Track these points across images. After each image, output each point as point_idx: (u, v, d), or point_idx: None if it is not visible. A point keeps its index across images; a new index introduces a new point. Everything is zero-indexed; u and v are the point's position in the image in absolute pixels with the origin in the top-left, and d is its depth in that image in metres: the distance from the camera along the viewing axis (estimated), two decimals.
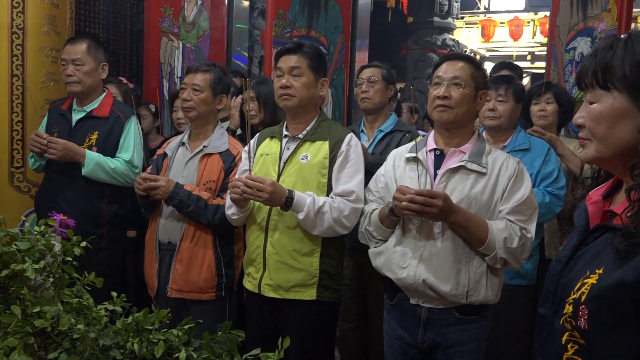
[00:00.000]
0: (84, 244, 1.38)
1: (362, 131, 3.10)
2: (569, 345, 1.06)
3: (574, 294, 1.05)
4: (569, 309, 1.05)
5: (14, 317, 1.15)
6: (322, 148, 2.25)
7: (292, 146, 2.29)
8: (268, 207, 2.23)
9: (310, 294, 2.23)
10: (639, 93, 1.02)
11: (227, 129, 2.87)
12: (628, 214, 1.01)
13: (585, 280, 1.03)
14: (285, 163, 2.28)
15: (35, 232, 1.37)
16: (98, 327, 1.22)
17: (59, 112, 2.90)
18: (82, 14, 4.15)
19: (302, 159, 2.26)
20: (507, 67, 3.91)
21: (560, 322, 1.08)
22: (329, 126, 2.32)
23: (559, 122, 3.08)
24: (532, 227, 1.95)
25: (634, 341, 0.96)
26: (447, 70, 2.02)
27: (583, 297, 1.02)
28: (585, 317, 1.01)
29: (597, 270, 1.02)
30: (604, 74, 1.06)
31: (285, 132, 2.33)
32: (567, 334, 1.06)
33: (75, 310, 1.23)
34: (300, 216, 2.15)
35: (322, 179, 2.24)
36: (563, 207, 2.64)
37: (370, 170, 2.37)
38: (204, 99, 2.54)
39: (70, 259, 1.35)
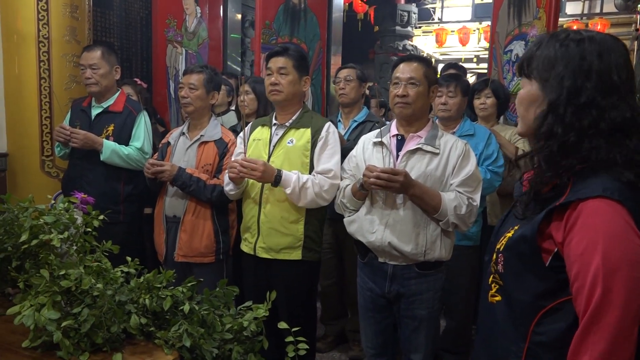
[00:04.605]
0: (101, 217, 1.35)
1: (339, 121, 3.06)
2: (492, 285, 1.11)
3: (498, 244, 1.10)
4: (494, 256, 1.10)
5: (43, 279, 1.14)
6: (305, 134, 2.23)
7: (280, 132, 2.26)
8: (261, 183, 2.21)
9: (296, 255, 2.22)
10: (546, 83, 1.03)
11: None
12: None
13: (506, 234, 1.08)
14: (274, 147, 2.25)
15: (60, 208, 1.33)
16: (115, 286, 1.20)
17: (80, 109, 2.83)
18: (99, 25, 4.04)
19: (289, 143, 2.23)
20: (454, 67, 3.91)
21: (489, 267, 1.13)
22: (310, 116, 2.30)
23: (497, 112, 3.08)
24: (477, 197, 1.95)
25: (534, 283, 1.00)
26: (404, 70, 1.99)
27: (501, 248, 1.07)
28: (502, 263, 1.07)
29: (515, 227, 1.07)
30: (528, 65, 1.07)
31: (274, 121, 2.30)
32: (491, 276, 1.11)
33: (95, 272, 1.21)
34: (288, 191, 2.13)
35: (305, 159, 2.21)
36: (502, 183, 2.65)
37: (346, 154, 2.35)
38: (199, 96, 2.50)
39: (90, 229, 1.33)
